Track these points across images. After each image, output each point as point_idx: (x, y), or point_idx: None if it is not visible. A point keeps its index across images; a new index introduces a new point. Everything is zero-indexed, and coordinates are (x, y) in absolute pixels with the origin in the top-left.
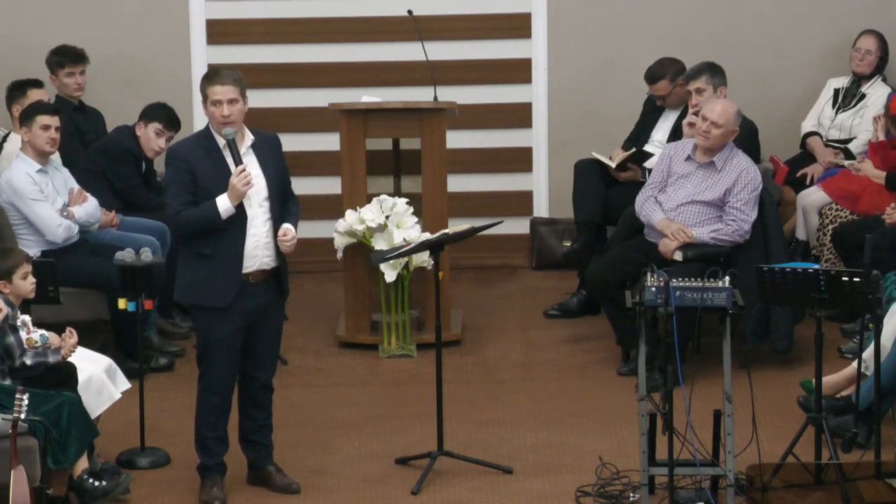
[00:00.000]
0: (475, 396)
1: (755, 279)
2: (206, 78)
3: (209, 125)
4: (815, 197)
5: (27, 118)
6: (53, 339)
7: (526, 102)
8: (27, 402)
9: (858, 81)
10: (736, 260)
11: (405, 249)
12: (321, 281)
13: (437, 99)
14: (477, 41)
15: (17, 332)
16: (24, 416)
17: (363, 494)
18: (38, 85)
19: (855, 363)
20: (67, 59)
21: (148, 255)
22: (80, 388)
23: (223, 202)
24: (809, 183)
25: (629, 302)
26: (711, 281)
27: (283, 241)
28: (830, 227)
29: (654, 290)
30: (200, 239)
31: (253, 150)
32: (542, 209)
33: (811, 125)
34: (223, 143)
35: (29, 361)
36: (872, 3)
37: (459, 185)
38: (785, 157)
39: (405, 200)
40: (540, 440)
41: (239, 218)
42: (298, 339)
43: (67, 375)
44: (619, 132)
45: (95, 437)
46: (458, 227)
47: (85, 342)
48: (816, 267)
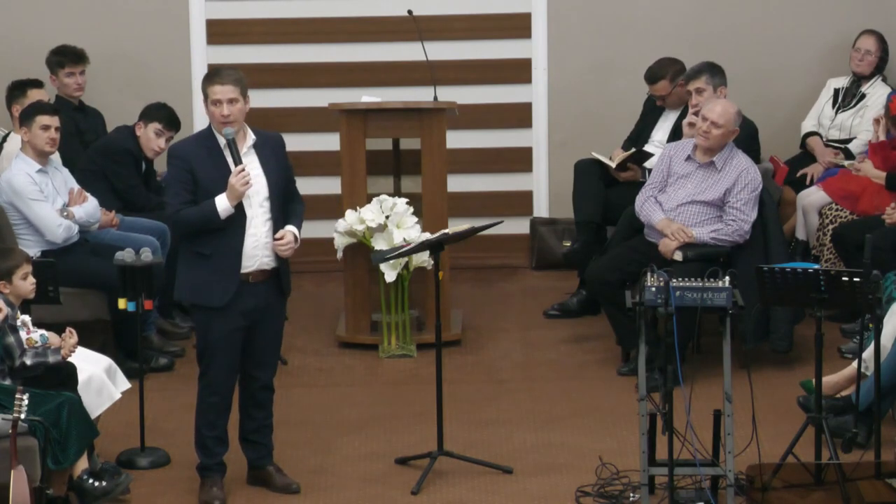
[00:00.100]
0: (475, 396)
1: (755, 279)
2: (206, 77)
3: (211, 125)
4: (815, 197)
5: (27, 118)
6: (53, 339)
7: (526, 102)
8: (27, 402)
9: (858, 81)
10: (736, 260)
11: (405, 249)
12: (321, 281)
13: (437, 99)
14: (477, 41)
15: (17, 332)
16: (24, 416)
17: (363, 494)
18: (38, 85)
19: (855, 363)
20: (67, 59)
21: (148, 255)
22: (80, 388)
23: (222, 202)
24: (809, 183)
25: (629, 302)
26: (711, 281)
27: (278, 245)
28: (830, 227)
29: (654, 290)
30: (199, 238)
31: (254, 149)
32: (542, 209)
33: (811, 125)
34: (224, 142)
35: (29, 361)
36: (872, 3)
37: (459, 185)
38: (785, 157)
39: (405, 200)
40: (540, 440)
41: (238, 218)
42: (298, 339)
43: (67, 375)
44: (619, 132)
45: (95, 437)
46: (458, 227)
47: (85, 342)
48: (816, 267)
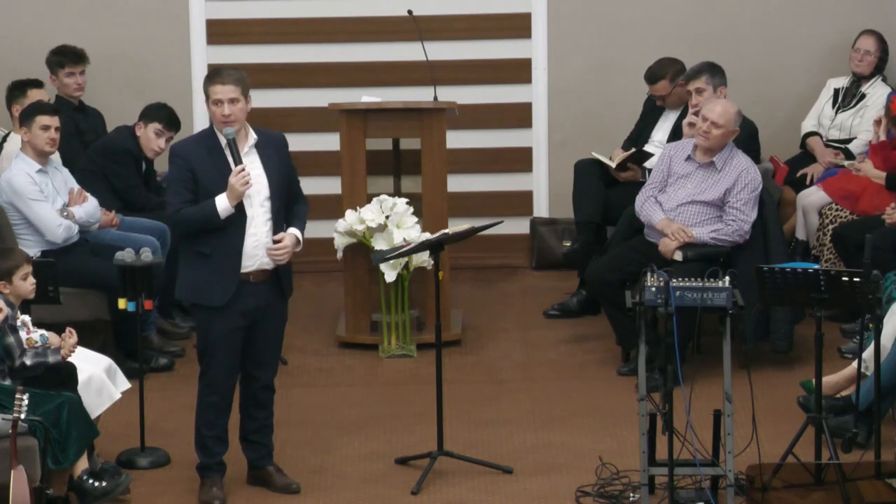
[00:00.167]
0: (475, 396)
1: (755, 279)
2: (207, 77)
3: (212, 124)
4: (815, 197)
5: (27, 118)
6: (53, 339)
7: (526, 102)
8: (27, 402)
9: (858, 81)
10: (736, 260)
11: (405, 249)
12: (321, 281)
13: (437, 99)
14: (477, 41)
15: (17, 332)
16: (24, 416)
17: (363, 494)
18: (38, 85)
19: (855, 363)
20: (67, 59)
21: (148, 255)
22: (80, 388)
23: (222, 201)
24: (809, 183)
25: (629, 302)
26: (711, 281)
27: (273, 252)
28: (830, 227)
29: (654, 290)
30: (200, 238)
31: (256, 149)
32: (542, 209)
33: (811, 125)
34: (225, 142)
35: (29, 361)
36: (872, 3)
37: (459, 185)
38: (785, 157)
39: (405, 200)
40: (540, 440)
41: (238, 217)
42: (298, 339)
43: (67, 375)
44: (619, 132)
45: (95, 437)
46: (458, 227)
47: (85, 342)
48: (816, 267)
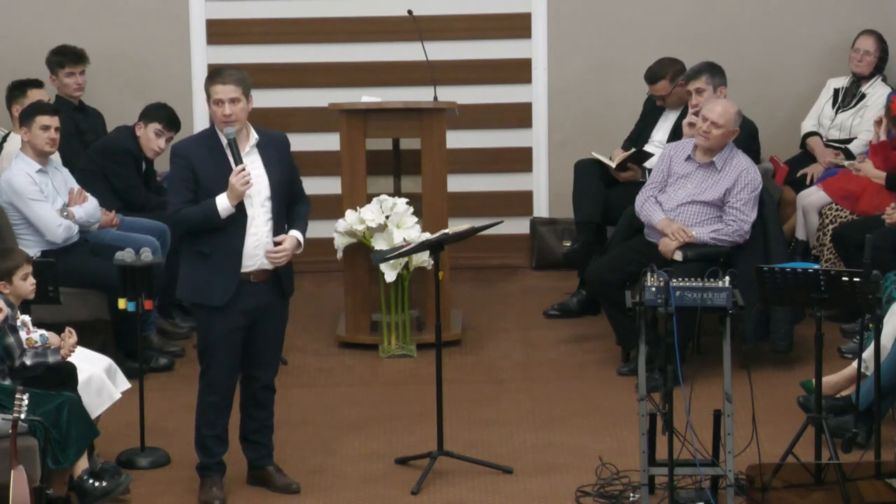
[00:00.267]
0: (475, 396)
1: (755, 279)
2: (209, 77)
3: (214, 124)
4: (815, 197)
5: (27, 118)
6: (53, 339)
7: (526, 102)
8: (27, 402)
9: (858, 81)
10: (736, 260)
11: (405, 249)
12: (321, 281)
13: (437, 99)
14: (477, 41)
15: (16, 332)
16: (24, 416)
17: (363, 494)
18: (38, 85)
19: (855, 363)
20: (67, 59)
21: (148, 255)
22: (80, 388)
23: (222, 201)
24: (809, 183)
25: (629, 302)
26: (711, 281)
27: (272, 255)
28: (830, 227)
29: (654, 290)
30: (200, 237)
31: (258, 149)
32: (542, 209)
33: (811, 125)
34: (226, 142)
35: (29, 361)
36: (872, 3)
37: (459, 185)
38: (785, 157)
39: (405, 200)
40: (540, 440)
41: (239, 217)
42: (298, 339)
43: (67, 375)
44: (619, 132)
45: (95, 437)
46: (458, 227)
47: (85, 342)
48: (816, 267)
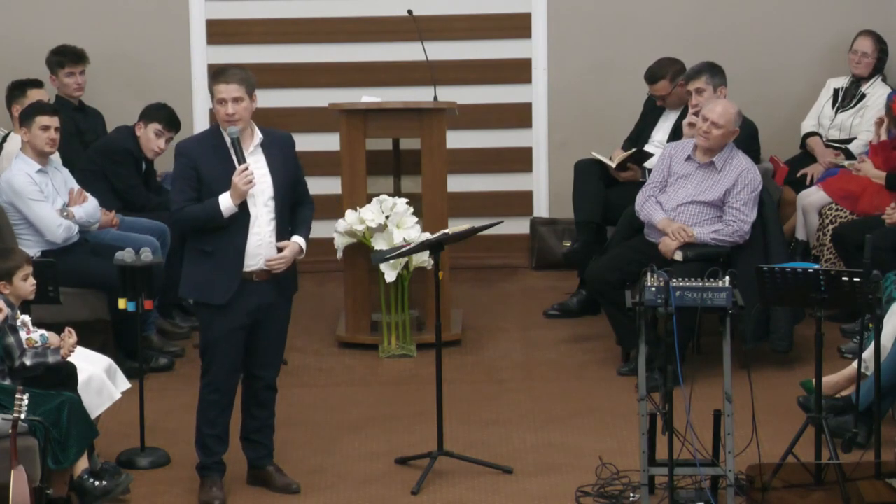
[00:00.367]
0: (475, 396)
1: (755, 279)
2: (212, 76)
3: (218, 123)
4: (815, 197)
5: (27, 118)
6: (53, 339)
7: (526, 102)
8: (27, 402)
9: (858, 81)
10: (736, 260)
11: (405, 249)
12: (321, 281)
13: (437, 99)
14: (477, 41)
15: (16, 332)
16: (24, 416)
17: (363, 494)
18: (38, 85)
19: (855, 363)
20: (67, 59)
21: (148, 255)
22: (80, 388)
23: (225, 200)
24: (809, 183)
25: (629, 302)
26: (711, 281)
27: (271, 263)
28: (830, 227)
29: (654, 290)
30: (203, 236)
31: (262, 148)
32: (542, 209)
33: (811, 125)
34: (229, 141)
35: (29, 361)
36: (871, 3)
37: (459, 185)
38: (785, 157)
39: (405, 200)
40: (540, 440)
41: (242, 216)
42: (298, 339)
43: (67, 375)
44: (619, 132)
45: (95, 437)
46: (458, 227)
47: (85, 342)
48: (816, 267)
